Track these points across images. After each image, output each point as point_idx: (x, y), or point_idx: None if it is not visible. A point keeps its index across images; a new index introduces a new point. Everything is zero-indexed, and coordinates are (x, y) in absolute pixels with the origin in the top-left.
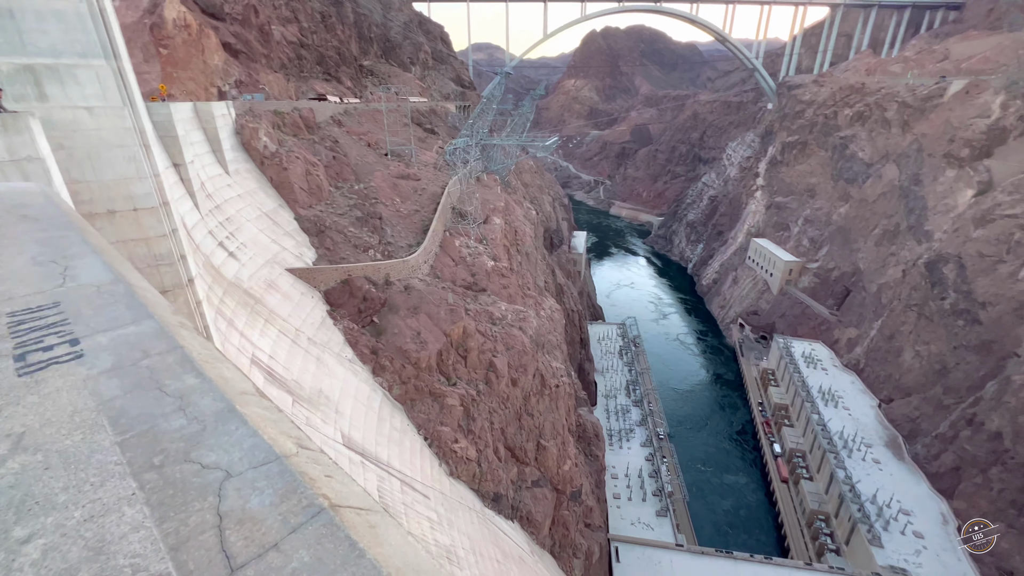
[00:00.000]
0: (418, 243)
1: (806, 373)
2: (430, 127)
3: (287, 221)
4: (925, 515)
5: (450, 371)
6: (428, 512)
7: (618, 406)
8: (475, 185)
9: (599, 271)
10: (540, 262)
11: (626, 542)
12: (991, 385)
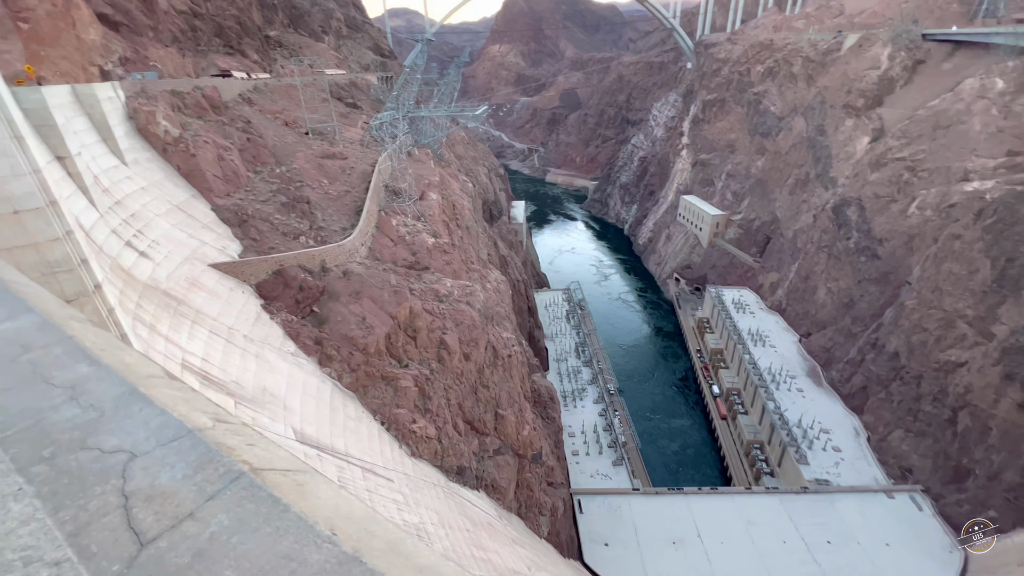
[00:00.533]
0: (352, 226)
1: (736, 318)
2: (352, 101)
3: (203, 213)
4: (841, 431)
5: (400, 353)
6: (393, 495)
7: (569, 368)
8: (407, 161)
9: (540, 239)
10: (481, 235)
11: (587, 494)
12: (889, 312)
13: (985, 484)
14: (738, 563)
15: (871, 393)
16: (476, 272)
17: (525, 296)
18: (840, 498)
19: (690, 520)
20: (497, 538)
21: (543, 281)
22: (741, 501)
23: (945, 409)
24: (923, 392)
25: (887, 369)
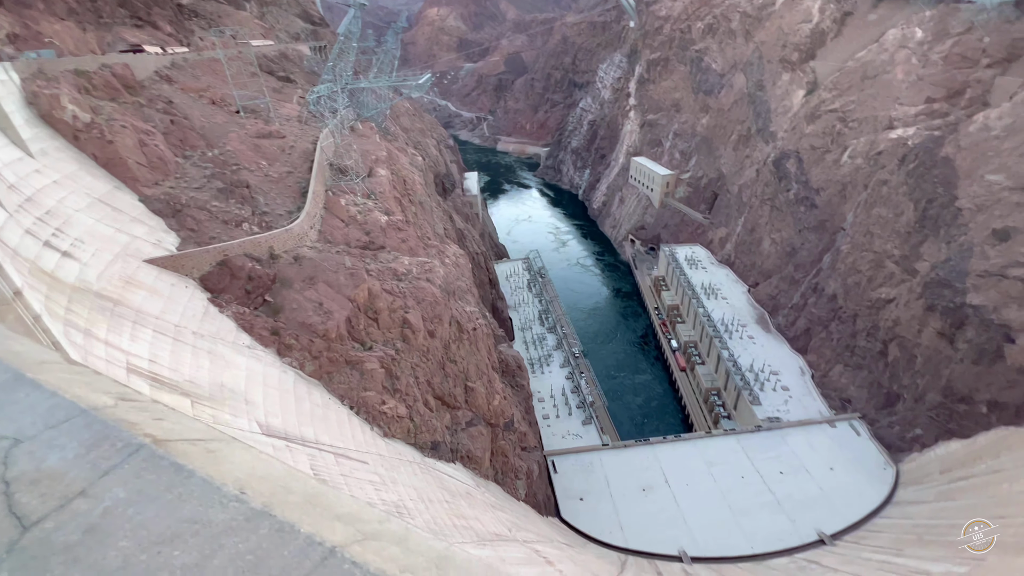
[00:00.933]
0: (299, 208)
1: (690, 274)
2: (284, 75)
3: (130, 205)
4: (789, 372)
5: (363, 336)
6: (369, 476)
7: (534, 336)
8: (350, 136)
9: (496, 210)
10: (436, 209)
11: (560, 454)
12: (827, 257)
13: (912, 406)
14: (703, 501)
15: (813, 334)
16: (434, 248)
17: (485, 268)
18: (790, 432)
19: (657, 467)
20: (476, 506)
21: (502, 252)
22: (702, 445)
23: (877, 343)
24: (858, 329)
25: (826, 311)
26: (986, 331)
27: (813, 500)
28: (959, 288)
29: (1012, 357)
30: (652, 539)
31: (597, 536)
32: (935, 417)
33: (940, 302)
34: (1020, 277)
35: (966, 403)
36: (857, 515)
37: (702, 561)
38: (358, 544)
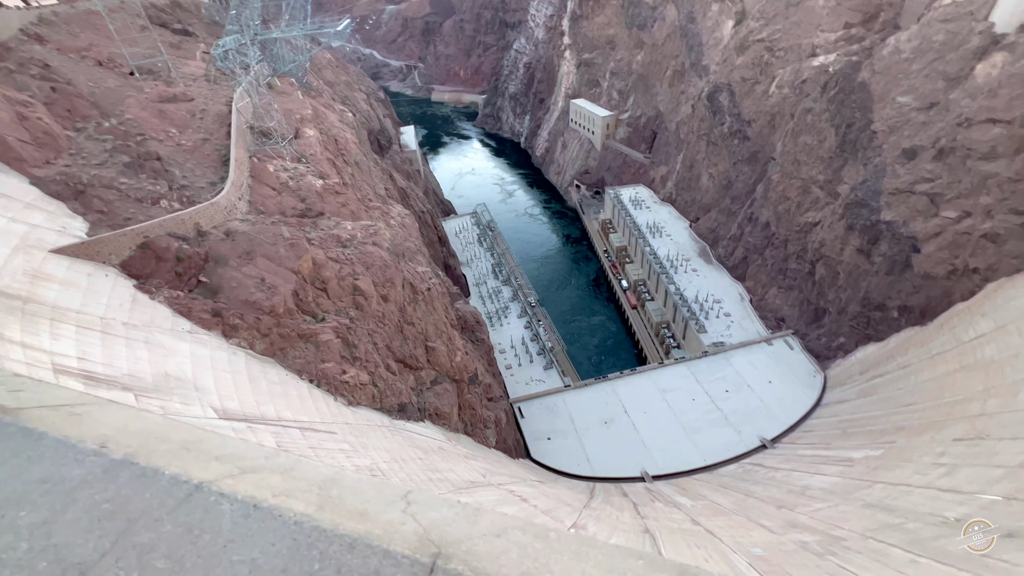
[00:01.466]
0: (222, 179)
1: (635, 215)
2: (181, 27)
3: (20, 189)
4: (730, 299)
5: (313, 308)
6: (339, 445)
7: (489, 290)
8: (269, 95)
9: (438, 165)
10: (374, 169)
11: (525, 400)
12: (760, 187)
13: (836, 318)
14: (659, 426)
15: (750, 261)
16: (376, 210)
17: (433, 226)
18: (733, 354)
19: (617, 401)
20: (450, 458)
21: (449, 208)
22: (656, 375)
23: (806, 264)
24: (789, 253)
25: (761, 238)
26: (897, 244)
27: (755, 412)
28: (874, 207)
29: (918, 265)
30: (616, 466)
31: (566, 470)
32: (855, 326)
33: (858, 221)
34: (925, 192)
35: (880, 310)
36: (792, 419)
37: (662, 478)
38: (231, 478)
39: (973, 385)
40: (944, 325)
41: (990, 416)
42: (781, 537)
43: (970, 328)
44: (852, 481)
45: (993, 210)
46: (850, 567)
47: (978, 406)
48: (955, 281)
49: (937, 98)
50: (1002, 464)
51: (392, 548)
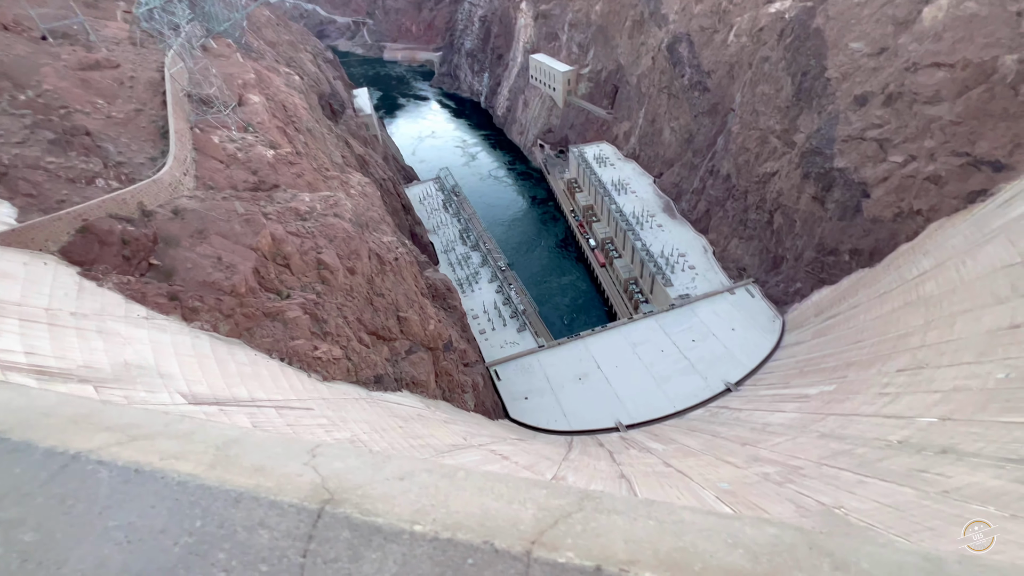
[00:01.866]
0: (162, 154)
1: (600, 172)
2: None
3: None
4: (694, 252)
5: (277, 285)
6: (318, 421)
7: (458, 256)
8: (205, 58)
9: (396, 129)
10: (328, 136)
11: (501, 363)
12: (720, 139)
13: (793, 265)
14: (631, 378)
15: (712, 214)
16: (334, 179)
17: (396, 194)
18: (698, 305)
19: (589, 357)
20: (430, 424)
21: (411, 174)
22: (626, 330)
23: (765, 213)
24: (749, 204)
25: (722, 191)
26: (848, 190)
27: (719, 358)
28: (828, 154)
29: (868, 210)
30: (592, 418)
31: (544, 426)
32: (811, 271)
33: (813, 169)
34: (875, 138)
35: (834, 255)
36: (754, 363)
37: (635, 426)
38: (117, 446)
39: (915, 320)
40: (890, 265)
41: (929, 347)
42: (745, 471)
43: (913, 267)
44: (808, 415)
45: (936, 153)
46: (806, 492)
47: (919, 339)
48: (901, 223)
49: (887, 43)
50: (938, 389)
51: (280, 499)
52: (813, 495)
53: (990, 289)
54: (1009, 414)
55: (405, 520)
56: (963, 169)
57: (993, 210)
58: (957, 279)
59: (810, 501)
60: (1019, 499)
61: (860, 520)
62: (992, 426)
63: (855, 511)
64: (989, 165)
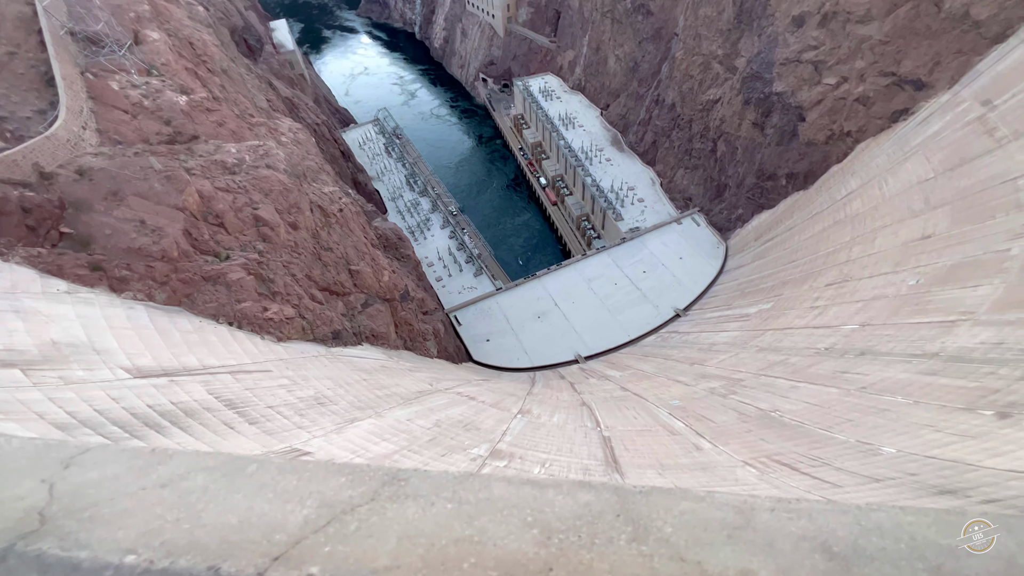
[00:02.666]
0: (52, 105)
1: (546, 106)
2: None
3: None
4: (642, 185)
5: (213, 247)
6: (279, 381)
7: (407, 203)
8: None
9: (324, 67)
10: (248, 77)
11: (460, 308)
12: (664, 66)
13: (735, 192)
14: (587, 312)
15: (659, 145)
16: (261, 127)
17: (333, 140)
18: (648, 237)
19: (547, 296)
20: (395, 374)
21: (346, 117)
22: (580, 266)
23: (709, 142)
24: (694, 133)
25: (667, 120)
26: (786, 115)
27: (669, 286)
28: (767, 79)
29: (803, 133)
30: (552, 353)
31: (508, 365)
32: (751, 196)
33: (754, 94)
34: (810, 60)
35: (772, 180)
36: (700, 288)
37: (593, 357)
38: None
39: (842, 237)
40: (822, 187)
41: (854, 261)
42: (694, 388)
43: (842, 187)
44: (748, 332)
45: (865, 74)
46: (747, 400)
47: (845, 254)
48: (832, 145)
49: None
50: (860, 299)
51: None
52: (753, 403)
53: (907, 204)
54: (917, 316)
55: (120, 549)
56: (888, 89)
57: (913, 128)
58: (880, 196)
59: (751, 408)
60: (921, 387)
61: (792, 420)
62: (903, 327)
63: (788, 412)
64: (911, 84)
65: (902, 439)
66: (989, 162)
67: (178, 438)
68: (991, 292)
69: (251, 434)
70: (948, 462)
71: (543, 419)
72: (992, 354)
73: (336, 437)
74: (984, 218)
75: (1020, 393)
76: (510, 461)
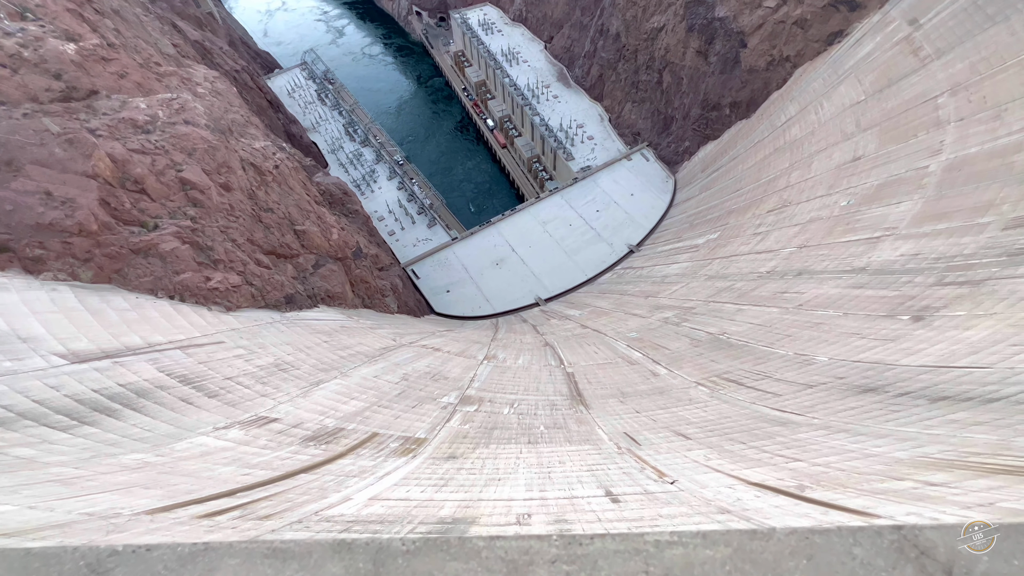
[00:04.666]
0: None
1: (488, 41)
2: None
3: None
4: (591, 121)
5: (137, 216)
6: (234, 352)
7: (348, 155)
8: None
9: (235, 4)
10: (146, 18)
11: (416, 261)
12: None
13: (682, 124)
14: (545, 255)
15: (606, 79)
16: (172, 77)
17: (257, 88)
18: (599, 176)
19: (503, 241)
20: (356, 333)
21: (270, 62)
22: (535, 210)
23: (655, 73)
24: (639, 64)
25: (613, 52)
26: (728, 41)
27: (621, 224)
28: (710, 3)
29: (745, 60)
30: (513, 298)
31: (470, 314)
32: (697, 128)
33: (697, 21)
34: None
35: (716, 110)
36: (652, 223)
37: (553, 299)
38: None
39: (782, 163)
40: (763, 114)
41: (793, 187)
42: (649, 319)
43: (782, 114)
44: (698, 262)
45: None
46: (698, 327)
47: (784, 180)
48: (772, 71)
49: None
50: (798, 223)
51: None
52: (703, 328)
53: (840, 127)
54: (848, 235)
55: None
56: (825, 11)
57: (847, 50)
58: (816, 121)
59: (701, 333)
60: (850, 300)
61: (738, 341)
62: (835, 247)
63: (735, 334)
64: (846, 4)
65: (833, 348)
66: (914, 81)
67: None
68: (911, 208)
69: (212, 407)
70: (871, 364)
71: (509, 362)
72: (910, 264)
73: (303, 401)
74: (907, 137)
75: (932, 298)
76: (480, 405)
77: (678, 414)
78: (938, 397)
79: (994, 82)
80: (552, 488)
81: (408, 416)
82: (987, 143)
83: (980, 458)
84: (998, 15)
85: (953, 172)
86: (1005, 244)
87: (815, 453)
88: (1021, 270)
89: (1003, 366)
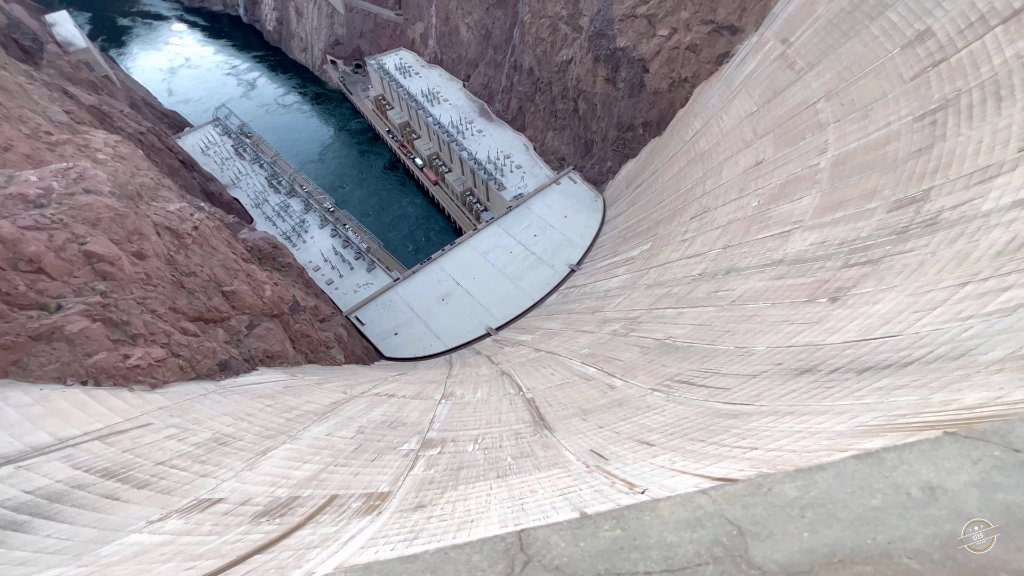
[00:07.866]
0: None
1: (407, 84)
2: None
3: None
4: (517, 151)
5: (36, 298)
6: (164, 434)
7: (275, 208)
8: None
9: (133, 64)
10: (32, 87)
11: (360, 308)
12: (516, 31)
13: (602, 146)
14: (490, 285)
15: (525, 111)
16: (66, 144)
17: (167, 149)
18: (532, 202)
19: (447, 276)
20: (302, 392)
21: (178, 121)
22: (474, 241)
23: (570, 102)
24: (555, 95)
25: (528, 85)
26: (632, 68)
27: (560, 245)
28: (610, 35)
29: (649, 84)
30: (464, 332)
31: (421, 353)
32: (616, 148)
33: (602, 52)
34: (644, 15)
35: (631, 130)
36: (588, 241)
37: (504, 327)
38: None
39: (696, 173)
40: (673, 131)
41: (709, 193)
42: (599, 333)
43: (689, 128)
44: (635, 273)
45: (690, 23)
46: (645, 334)
47: (701, 188)
48: (675, 92)
49: None
50: (719, 225)
51: None
52: (650, 335)
53: (740, 136)
54: (763, 231)
55: None
56: (711, 36)
57: (735, 69)
58: (719, 132)
59: (649, 340)
60: (775, 291)
61: (683, 343)
62: (754, 243)
63: (679, 337)
64: (727, 29)
65: (768, 337)
66: (795, 91)
67: (47, 530)
68: (811, 201)
69: (143, 499)
70: (802, 347)
71: (467, 398)
72: (819, 252)
73: (249, 474)
74: (798, 140)
75: (843, 279)
76: (443, 446)
77: (639, 422)
78: (863, 368)
79: (858, 86)
80: (526, 519)
81: (368, 471)
82: (862, 139)
83: (906, 419)
84: (851, 31)
85: (839, 166)
86: (892, 224)
87: (768, 439)
88: (909, 245)
89: (910, 332)
